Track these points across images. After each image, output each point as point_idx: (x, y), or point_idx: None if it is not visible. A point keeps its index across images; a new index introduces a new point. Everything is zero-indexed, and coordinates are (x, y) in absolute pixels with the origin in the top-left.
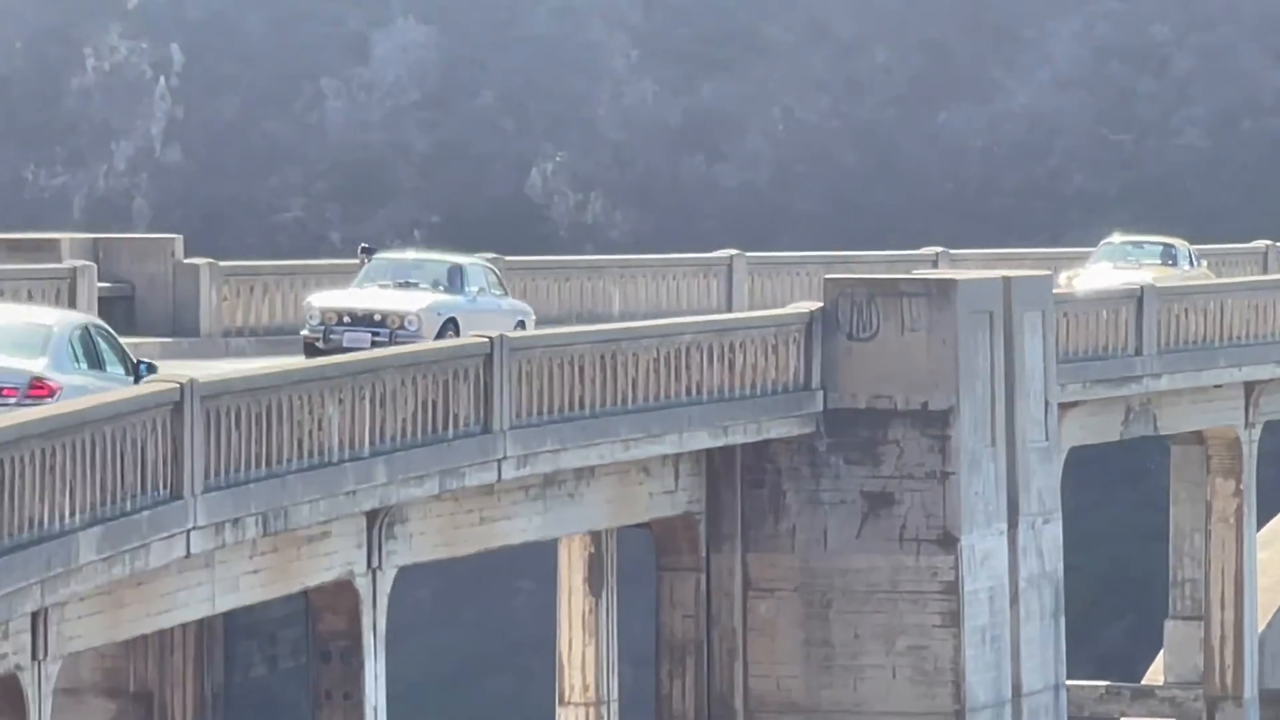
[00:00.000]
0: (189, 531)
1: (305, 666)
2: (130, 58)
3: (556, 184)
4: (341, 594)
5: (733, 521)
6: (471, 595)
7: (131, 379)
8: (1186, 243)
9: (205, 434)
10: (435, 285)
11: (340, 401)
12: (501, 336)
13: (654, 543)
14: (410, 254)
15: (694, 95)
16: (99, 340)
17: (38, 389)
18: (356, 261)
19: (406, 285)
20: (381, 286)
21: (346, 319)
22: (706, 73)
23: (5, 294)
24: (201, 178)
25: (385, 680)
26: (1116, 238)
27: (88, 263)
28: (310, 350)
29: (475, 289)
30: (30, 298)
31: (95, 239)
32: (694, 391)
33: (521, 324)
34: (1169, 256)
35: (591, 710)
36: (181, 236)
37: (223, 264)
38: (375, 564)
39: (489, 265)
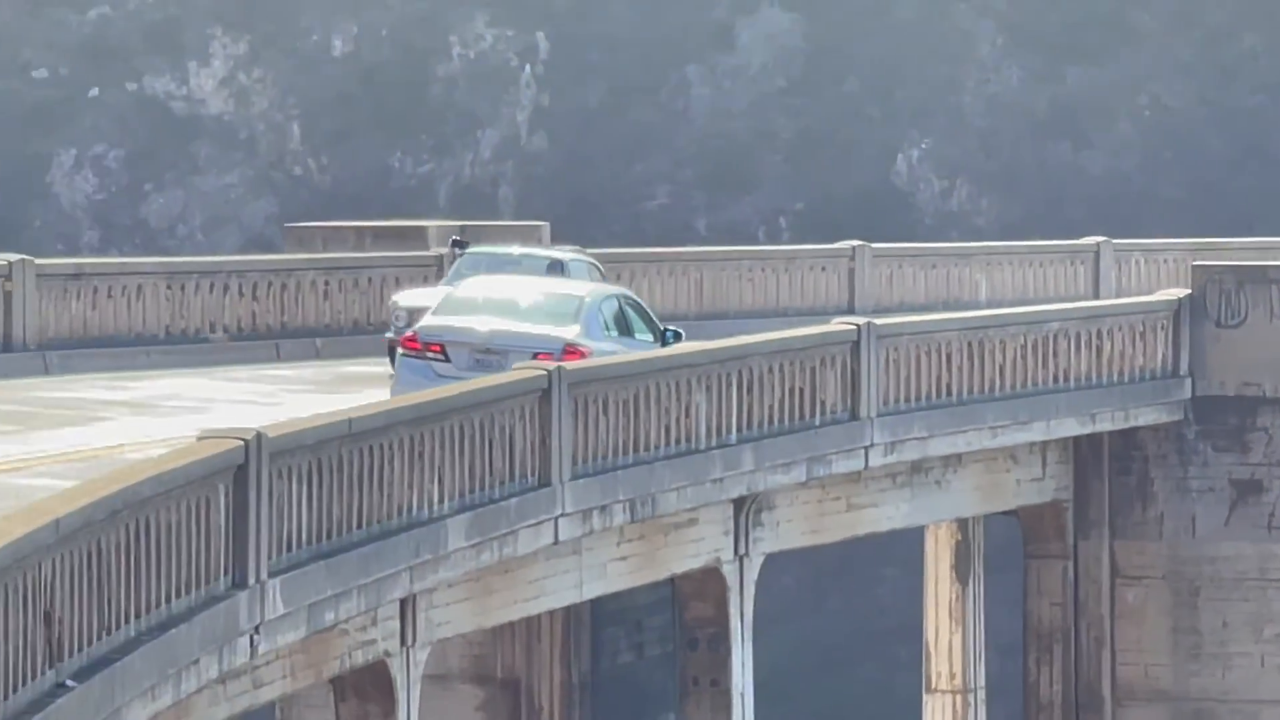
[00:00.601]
0: (557, 519)
1: (672, 654)
2: (496, 46)
3: (922, 171)
4: (709, 581)
5: (1100, 509)
6: (836, 582)
7: (659, 344)
8: None
9: (573, 421)
10: None
11: (707, 389)
12: (869, 323)
13: (1021, 530)
14: (510, 249)
15: (1060, 83)
16: (628, 310)
17: (570, 353)
18: (705, 250)
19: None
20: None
21: None
22: (1072, 59)
23: (374, 281)
24: (567, 166)
25: (752, 667)
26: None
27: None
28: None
29: None
30: (398, 284)
31: (461, 226)
32: (1061, 379)
33: None
34: None
35: (959, 698)
36: (548, 224)
37: (598, 252)
38: (742, 551)
39: (592, 261)
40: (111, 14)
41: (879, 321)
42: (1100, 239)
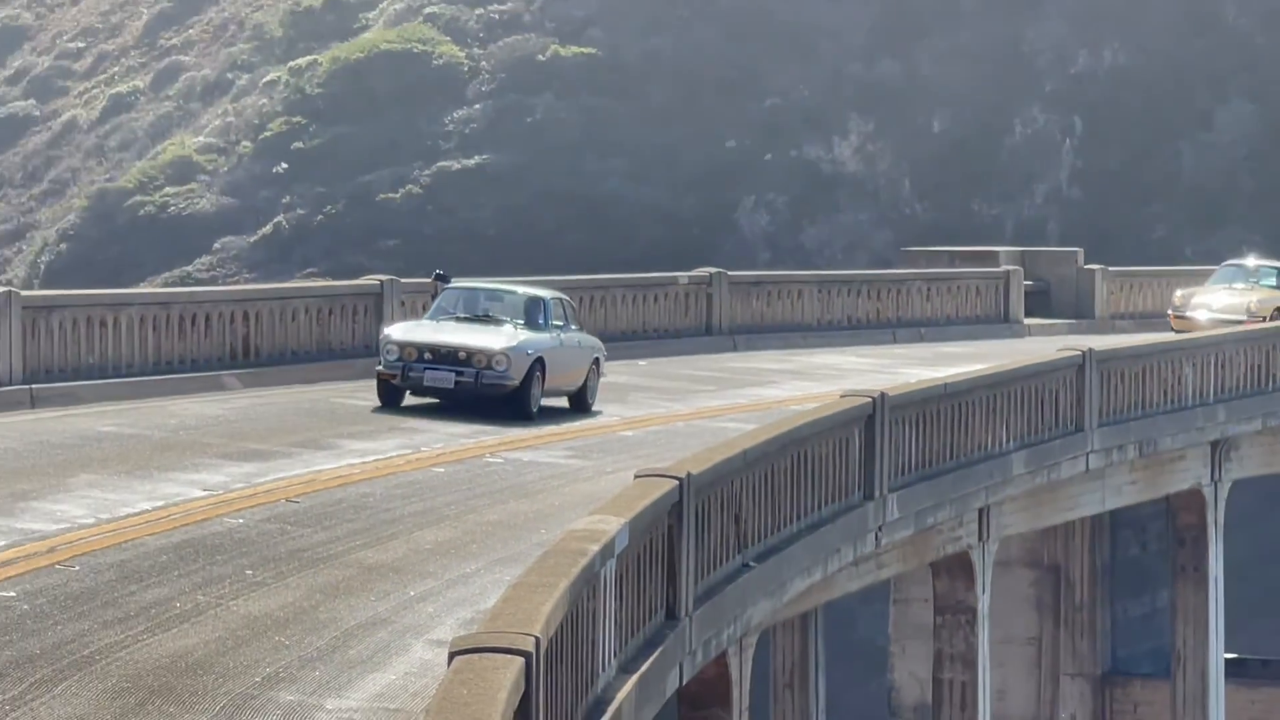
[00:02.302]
0: (1087, 454)
1: (1166, 549)
2: (1045, 125)
3: None
4: (1192, 499)
5: None
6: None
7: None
8: None
9: (1100, 387)
10: (514, 319)
11: (1194, 364)
12: None
13: None
14: (486, 283)
15: None
16: (557, 307)
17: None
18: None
19: (487, 320)
20: (460, 320)
21: (428, 355)
22: None
23: (956, 291)
24: (1095, 209)
25: (1223, 559)
26: (1251, 260)
27: (1016, 267)
28: (386, 388)
29: (557, 323)
30: (978, 294)
31: (1022, 251)
32: None
33: (597, 361)
34: None
35: None
36: (1082, 250)
37: (1111, 269)
38: (1216, 478)
39: (561, 296)
40: (781, 103)
41: None
42: None
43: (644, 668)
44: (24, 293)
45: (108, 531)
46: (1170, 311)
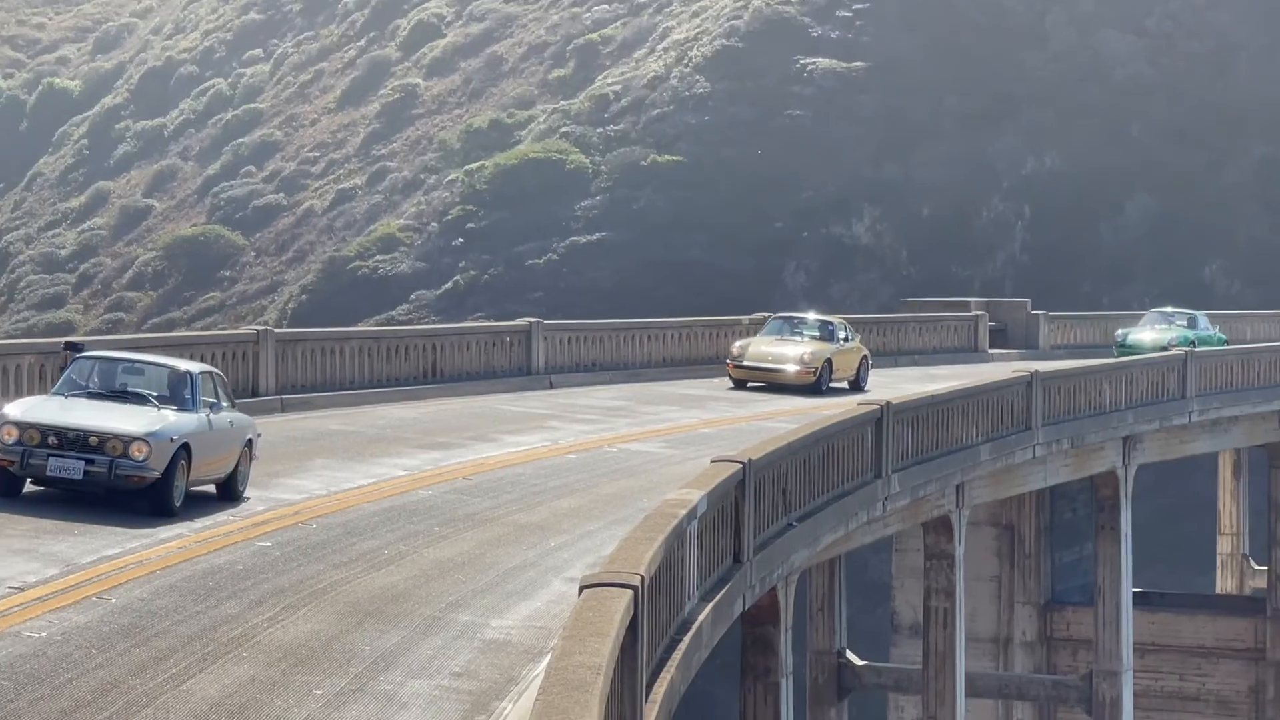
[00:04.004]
0: (1034, 446)
1: (1090, 513)
2: (1003, 212)
3: None
4: (1109, 478)
5: None
6: (1167, 479)
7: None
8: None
9: (1043, 397)
10: (159, 397)
11: (1110, 382)
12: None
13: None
14: (126, 355)
15: None
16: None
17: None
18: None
19: (124, 397)
20: (93, 397)
21: (52, 440)
22: None
23: (939, 329)
24: (1041, 270)
25: (1131, 520)
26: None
27: (983, 312)
28: (4, 477)
29: (208, 400)
30: (955, 331)
31: (987, 301)
32: None
33: (250, 443)
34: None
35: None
36: (1030, 299)
37: (1050, 313)
38: (1126, 463)
39: (213, 370)
40: (814, 195)
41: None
42: None
43: (717, 598)
44: (276, 330)
45: (335, 500)
46: (729, 361)
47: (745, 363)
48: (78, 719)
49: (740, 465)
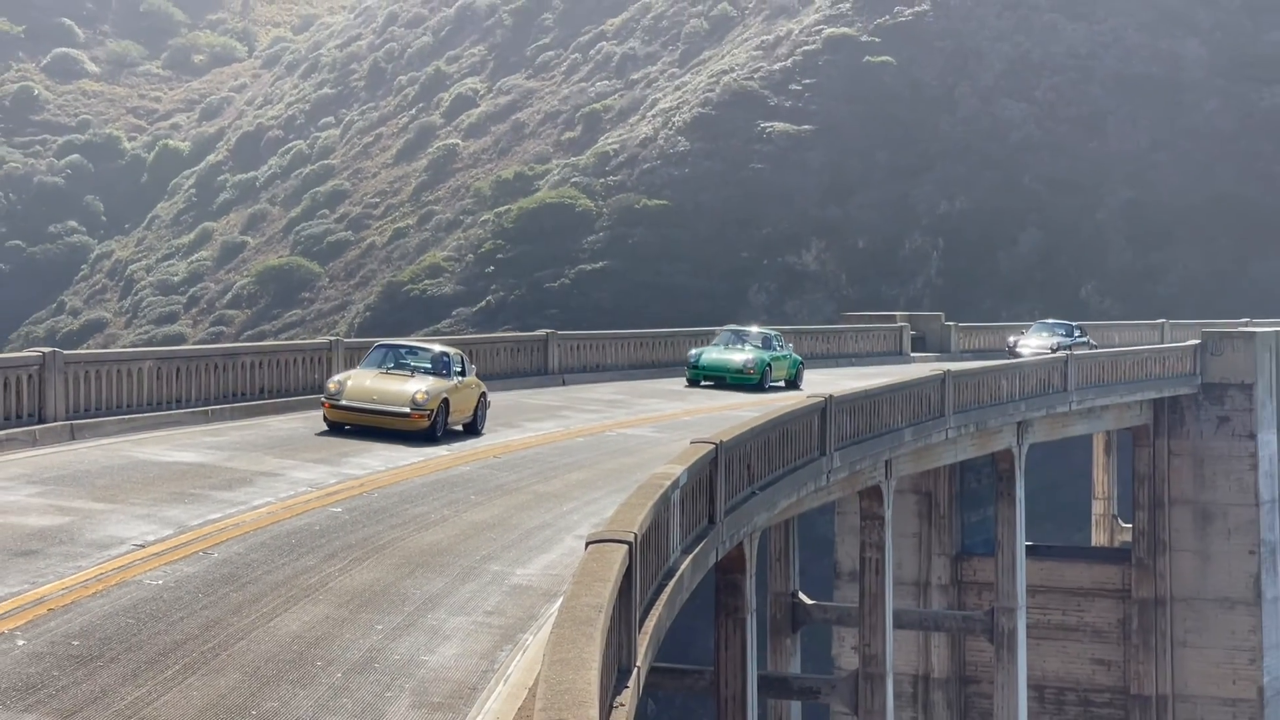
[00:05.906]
0: (947, 429)
1: (992, 482)
2: (922, 244)
3: None
4: (1006, 454)
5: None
6: (1050, 457)
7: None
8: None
9: (954, 390)
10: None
11: (1007, 379)
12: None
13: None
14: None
15: None
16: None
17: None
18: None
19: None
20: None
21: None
22: None
23: (872, 337)
24: (953, 290)
25: (1024, 488)
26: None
27: (906, 324)
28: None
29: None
30: (884, 339)
31: (909, 314)
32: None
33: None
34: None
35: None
36: (943, 313)
37: (960, 324)
38: (1020, 443)
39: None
40: (772, 231)
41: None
42: None
43: (696, 551)
44: (345, 340)
45: (392, 475)
46: (323, 399)
47: (343, 402)
48: (188, 649)
49: (714, 445)
